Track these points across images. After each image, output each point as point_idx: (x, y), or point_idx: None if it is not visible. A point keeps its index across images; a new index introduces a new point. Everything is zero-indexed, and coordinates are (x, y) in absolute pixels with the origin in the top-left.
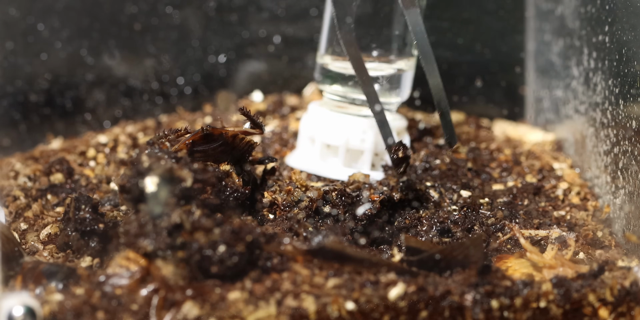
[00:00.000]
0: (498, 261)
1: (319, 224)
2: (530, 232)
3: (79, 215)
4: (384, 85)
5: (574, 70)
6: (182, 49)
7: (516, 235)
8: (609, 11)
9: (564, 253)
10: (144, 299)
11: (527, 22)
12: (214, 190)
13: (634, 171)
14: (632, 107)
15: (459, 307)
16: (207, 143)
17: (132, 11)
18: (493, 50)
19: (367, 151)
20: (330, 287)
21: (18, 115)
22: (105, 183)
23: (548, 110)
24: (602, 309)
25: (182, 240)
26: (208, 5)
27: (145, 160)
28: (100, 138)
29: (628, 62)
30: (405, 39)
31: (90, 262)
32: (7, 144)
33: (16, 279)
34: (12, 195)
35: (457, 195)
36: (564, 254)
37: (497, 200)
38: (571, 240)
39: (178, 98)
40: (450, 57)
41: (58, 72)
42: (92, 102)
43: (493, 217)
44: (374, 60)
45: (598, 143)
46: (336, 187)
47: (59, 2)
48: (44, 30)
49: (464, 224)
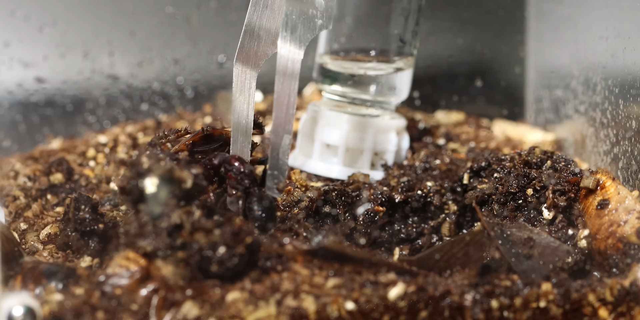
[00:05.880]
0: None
1: (319, 224)
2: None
3: (79, 215)
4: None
5: (574, 70)
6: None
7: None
8: None
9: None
10: (144, 299)
11: (527, 22)
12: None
13: (634, 171)
14: (632, 107)
15: (458, 307)
16: (207, 144)
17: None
18: (493, 50)
19: (367, 151)
20: (330, 287)
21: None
22: (105, 183)
23: (548, 110)
24: (602, 309)
25: (182, 240)
26: (208, 4)
27: (145, 162)
28: (100, 138)
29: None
30: (404, 37)
31: (90, 262)
32: (7, 144)
33: (16, 279)
34: (12, 195)
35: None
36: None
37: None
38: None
39: (178, 98)
40: (450, 57)
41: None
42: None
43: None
44: (372, 59)
45: (598, 143)
46: (336, 187)
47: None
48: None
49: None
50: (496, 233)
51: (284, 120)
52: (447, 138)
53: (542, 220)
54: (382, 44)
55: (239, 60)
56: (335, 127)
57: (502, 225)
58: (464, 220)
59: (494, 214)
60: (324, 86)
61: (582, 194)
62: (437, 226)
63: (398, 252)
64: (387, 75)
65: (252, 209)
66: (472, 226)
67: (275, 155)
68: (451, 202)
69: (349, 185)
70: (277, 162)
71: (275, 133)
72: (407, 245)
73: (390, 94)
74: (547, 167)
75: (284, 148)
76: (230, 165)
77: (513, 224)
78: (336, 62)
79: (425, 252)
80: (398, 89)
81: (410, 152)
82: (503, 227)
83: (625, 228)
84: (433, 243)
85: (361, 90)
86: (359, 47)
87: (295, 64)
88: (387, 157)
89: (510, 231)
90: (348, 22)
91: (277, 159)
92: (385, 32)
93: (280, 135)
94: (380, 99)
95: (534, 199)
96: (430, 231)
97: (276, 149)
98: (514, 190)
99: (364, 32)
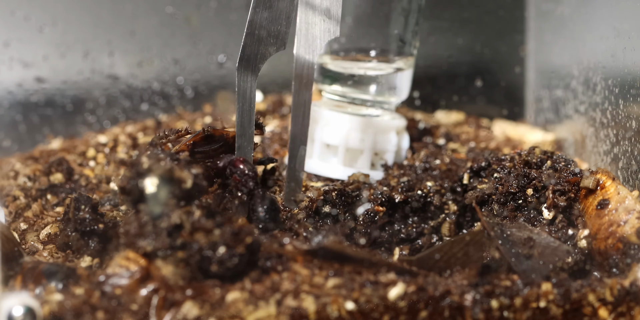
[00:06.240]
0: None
1: (319, 224)
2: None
3: (79, 215)
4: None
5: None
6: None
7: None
8: None
9: None
10: (144, 299)
11: (527, 22)
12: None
13: (634, 171)
14: (632, 107)
15: (458, 307)
16: (208, 144)
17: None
18: (493, 50)
19: (367, 151)
20: (330, 287)
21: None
22: (105, 183)
23: (548, 110)
24: (602, 309)
25: (182, 240)
26: (208, 4)
27: (145, 162)
28: (100, 138)
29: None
30: (404, 37)
31: (90, 262)
32: (7, 144)
33: (16, 279)
34: (12, 195)
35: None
36: None
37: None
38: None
39: (178, 98)
40: (450, 57)
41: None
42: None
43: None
44: (372, 59)
45: (598, 143)
46: (336, 187)
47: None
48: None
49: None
50: (496, 233)
51: (300, 131)
52: (447, 138)
53: (542, 220)
54: (382, 44)
55: (242, 64)
56: (335, 127)
57: (502, 225)
58: (464, 220)
59: (494, 214)
60: (324, 86)
61: (582, 194)
62: (437, 226)
63: (398, 252)
64: (387, 75)
65: (256, 211)
66: (472, 226)
67: (293, 167)
68: (451, 202)
69: (349, 185)
70: (294, 173)
71: (292, 144)
72: (407, 245)
73: (390, 94)
74: (547, 167)
75: (300, 159)
76: (235, 167)
77: (513, 224)
78: (336, 62)
79: (425, 252)
80: (398, 89)
81: (410, 152)
82: (503, 227)
83: (625, 228)
84: (433, 243)
85: (361, 90)
86: (359, 47)
87: (310, 71)
88: (387, 157)
89: (510, 231)
90: (348, 22)
91: (295, 170)
92: (385, 32)
93: (297, 147)
94: (380, 99)
95: (534, 199)
96: (430, 231)
97: (293, 161)
98: (514, 190)
99: (364, 32)
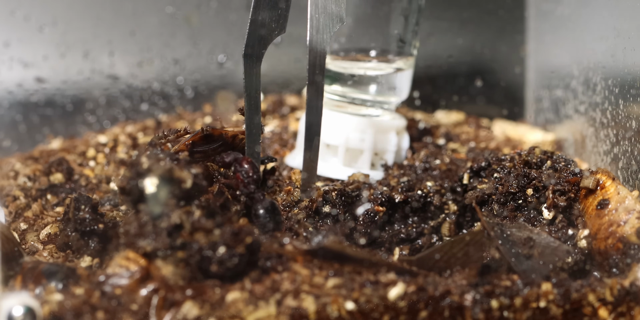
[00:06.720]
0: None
1: (319, 224)
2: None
3: (79, 215)
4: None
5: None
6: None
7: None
8: None
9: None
10: (144, 299)
11: (527, 22)
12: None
13: (634, 171)
14: (632, 107)
15: (458, 307)
16: (207, 144)
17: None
18: (493, 50)
19: (367, 150)
20: (330, 287)
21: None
22: (105, 183)
23: (548, 110)
24: (602, 309)
25: (182, 240)
26: (208, 4)
27: (144, 162)
28: (100, 138)
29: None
30: (404, 38)
31: (90, 262)
32: (7, 144)
33: (16, 279)
34: (12, 195)
35: (457, 195)
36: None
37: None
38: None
39: (178, 98)
40: (450, 57)
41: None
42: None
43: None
44: (372, 59)
45: (598, 143)
46: (336, 187)
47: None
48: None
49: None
50: (496, 233)
51: (315, 121)
52: (447, 138)
53: (542, 220)
54: (382, 44)
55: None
56: (335, 127)
57: (502, 225)
58: (464, 220)
59: (494, 214)
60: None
61: (582, 194)
62: (437, 226)
63: (398, 252)
64: (387, 75)
65: (259, 216)
66: (472, 226)
67: (307, 158)
68: (451, 202)
69: (349, 185)
70: (309, 164)
71: (308, 135)
72: (407, 245)
73: (390, 94)
74: (547, 167)
75: (315, 149)
76: (241, 166)
77: (513, 224)
78: (336, 62)
79: (425, 252)
80: (398, 89)
81: (410, 152)
82: (503, 227)
83: (625, 228)
84: (433, 243)
85: (361, 90)
86: (359, 47)
87: (322, 61)
88: (387, 157)
89: (510, 231)
90: (348, 22)
91: (310, 160)
92: (385, 32)
93: (311, 138)
94: (380, 99)
95: (534, 199)
96: (430, 231)
97: (308, 152)
98: (514, 190)
99: (364, 32)
